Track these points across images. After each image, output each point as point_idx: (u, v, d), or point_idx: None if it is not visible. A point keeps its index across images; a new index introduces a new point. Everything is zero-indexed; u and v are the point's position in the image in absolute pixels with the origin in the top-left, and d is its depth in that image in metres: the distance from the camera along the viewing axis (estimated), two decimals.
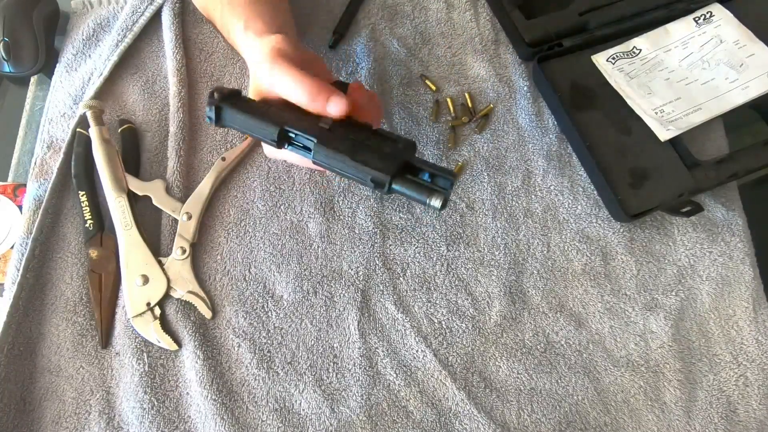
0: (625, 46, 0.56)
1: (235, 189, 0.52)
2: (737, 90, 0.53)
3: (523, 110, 0.55)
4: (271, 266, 0.49)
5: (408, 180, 0.36)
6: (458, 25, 0.59)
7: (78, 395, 0.45)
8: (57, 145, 0.53)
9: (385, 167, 0.35)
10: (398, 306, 0.48)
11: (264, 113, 0.38)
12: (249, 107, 0.39)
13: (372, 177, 0.35)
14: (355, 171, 0.36)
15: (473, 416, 0.45)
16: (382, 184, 0.35)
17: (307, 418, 0.45)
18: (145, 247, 0.48)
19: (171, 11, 0.56)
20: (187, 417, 0.45)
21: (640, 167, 0.51)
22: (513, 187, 0.52)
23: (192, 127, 0.54)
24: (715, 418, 0.45)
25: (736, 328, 0.48)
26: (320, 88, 0.38)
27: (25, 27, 0.56)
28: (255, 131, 0.38)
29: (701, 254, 0.50)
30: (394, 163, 0.36)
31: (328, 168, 0.37)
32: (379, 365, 0.46)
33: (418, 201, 0.35)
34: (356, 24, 0.59)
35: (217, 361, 0.46)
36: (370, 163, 0.35)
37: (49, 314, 0.47)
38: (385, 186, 0.35)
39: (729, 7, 0.56)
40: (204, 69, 0.56)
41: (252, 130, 0.38)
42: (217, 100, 0.38)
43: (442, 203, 0.35)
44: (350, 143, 0.36)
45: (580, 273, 0.50)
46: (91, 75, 0.55)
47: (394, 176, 0.35)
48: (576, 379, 0.46)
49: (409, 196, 0.36)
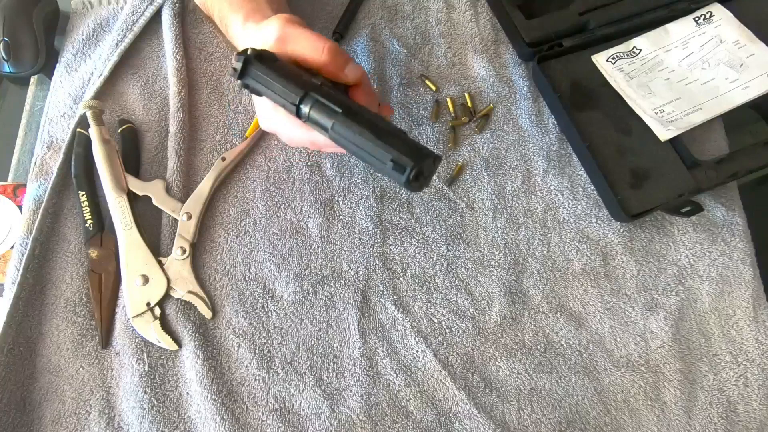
0: (625, 46, 0.56)
1: (235, 189, 0.52)
2: (737, 90, 0.53)
3: (523, 110, 0.55)
4: (271, 266, 0.49)
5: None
6: (458, 25, 0.59)
7: (78, 395, 0.45)
8: (57, 145, 0.53)
9: (411, 153, 0.33)
10: (398, 306, 0.48)
11: (289, 76, 0.36)
12: (277, 67, 0.37)
13: (393, 158, 0.33)
14: (377, 150, 0.33)
15: (473, 416, 0.45)
16: (403, 169, 0.32)
17: (307, 418, 0.45)
18: (145, 247, 0.48)
19: (171, 11, 0.56)
20: (187, 417, 0.45)
21: (640, 167, 0.51)
22: (513, 187, 0.52)
23: (192, 127, 0.54)
24: (715, 418, 0.45)
25: (736, 328, 0.48)
26: (339, 49, 0.37)
27: (25, 27, 0.56)
28: (276, 92, 0.36)
29: (701, 254, 0.50)
30: (420, 153, 0.33)
31: (345, 145, 0.35)
32: (379, 365, 0.46)
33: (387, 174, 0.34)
34: (356, 24, 0.59)
35: (217, 361, 0.46)
36: (395, 146, 0.33)
37: (49, 314, 0.47)
38: (406, 172, 0.33)
39: (729, 7, 0.56)
40: (204, 69, 0.56)
41: (273, 90, 0.36)
42: (249, 54, 0.37)
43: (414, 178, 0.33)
44: (373, 123, 0.34)
45: (580, 273, 0.50)
46: (91, 75, 0.55)
47: (417, 164, 0.33)
48: (576, 379, 0.46)
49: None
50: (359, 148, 0.34)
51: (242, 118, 0.55)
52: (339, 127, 0.34)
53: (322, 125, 0.35)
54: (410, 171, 0.32)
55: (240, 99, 0.55)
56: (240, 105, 0.55)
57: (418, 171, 0.33)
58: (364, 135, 0.33)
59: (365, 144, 0.33)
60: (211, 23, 0.58)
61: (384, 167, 0.33)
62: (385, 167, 0.33)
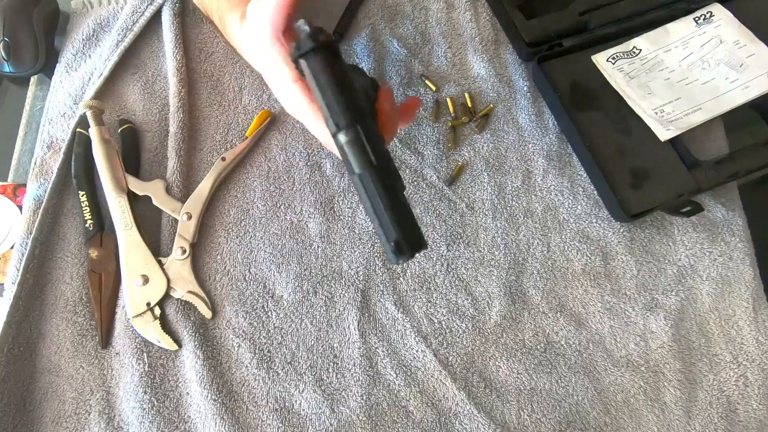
0: (625, 46, 0.56)
1: (235, 189, 0.52)
2: (737, 90, 0.53)
3: (523, 110, 0.55)
4: (271, 266, 0.49)
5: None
6: (458, 25, 0.59)
7: (78, 395, 0.45)
8: (57, 145, 0.53)
9: (413, 242, 0.32)
10: (398, 306, 0.48)
11: (344, 87, 0.33)
12: (336, 69, 0.34)
13: (397, 239, 0.32)
14: (387, 223, 0.32)
15: (473, 416, 0.45)
16: (399, 250, 0.32)
17: (307, 418, 0.45)
18: (145, 247, 0.48)
19: (171, 11, 0.56)
20: (187, 417, 0.45)
21: (640, 167, 0.51)
22: (513, 187, 0.52)
23: (192, 127, 0.54)
24: (715, 418, 0.45)
25: (736, 328, 0.48)
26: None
27: (25, 27, 0.56)
28: (325, 99, 0.33)
29: (701, 254, 0.50)
30: (419, 242, 0.33)
31: (360, 196, 0.34)
32: (379, 365, 0.46)
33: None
34: (356, 24, 0.59)
35: (217, 361, 0.46)
36: (404, 229, 0.32)
37: (49, 314, 0.47)
38: (401, 255, 0.32)
39: (729, 7, 0.56)
40: (204, 69, 0.56)
41: (323, 94, 0.33)
42: (320, 40, 0.33)
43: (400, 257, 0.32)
44: (395, 192, 0.33)
45: (580, 273, 0.50)
46: (91, 75, 0.55)
47: (412, 253, 0.32)
48: (576, 379, 0.46)
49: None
50: (373, 208, 0.33)
51: (242, 118, 0.55)
52: (365, 180, 0.33)
53: (350, 164, 0.34)
54: (404, 257, 0.32)
55: (240, 99, 0.55)
56: (240, 105, 0.55)
57: (409, 257, 0.33)
58: (383, 202, 0.33)
59: (379, 210, 0.33)
60: (210, 23, 0.58)
61: (386, 243, 0.33)
62: (384, 238, 0.33)
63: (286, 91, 0.40)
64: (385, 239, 0.33)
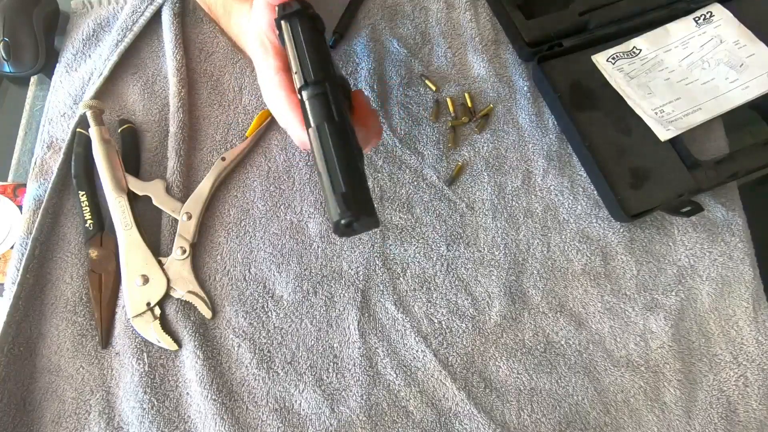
0: (625, 46, 0.56)
1: (235, 189, 0.52)
2: (737, 90, 0.53)
3: (523, 110, 0.55)
4: (271, 266, 0.49)
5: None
6: (458, 25, 0.59)
7: (78, 395, 0.45)
8: (57, 145, 0.53)
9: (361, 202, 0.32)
10: (398, 306, 0.48)
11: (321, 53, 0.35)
12: (315, 37, 0.36)
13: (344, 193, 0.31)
14: (338, 178, 0.32)
15: (473, 416, 0.45)
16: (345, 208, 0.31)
17: (307, 418, 0.45)
18: (145, 247, 0.48)
19: (171, 11, 0.56)
20: (187, 417, 0.45)
21: (640, 167, 0.51)
22: (513, 187, 0.52)
23: (192, 127, 0.54)
24: (715, 418, 0.45)
25: (736, 328, 0.48)
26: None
27: (25, 27, 0.56)
28: (299, 56, 0.35)
29: (701, 254, 0.50)
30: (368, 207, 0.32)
31: (315, 150, 0.33)
32: (379, 365, 0.46)
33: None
34: (356, 24, 0.59)
35: (217, 361, 0.46)
36: (354, 187, 0.32)
37: (49, 314, 0.47)
38: (346, 213, 0.31)
39: (729, 7, 0.56)
40: (204, 69, 0.56)
41: (298, 52, 0.35)
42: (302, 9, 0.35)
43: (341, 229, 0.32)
44: (352, 152, 0.33)
45: (580, 273, 0.50)
46: (91, 75, 0.55)
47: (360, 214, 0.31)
48: (576, 379, 0.46)
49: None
50: (325, 159, 0.32)
51: (242, 118, 0.55)
52: (322, 131, 0.33)
53: (311, 117, 0.34)
54: (350, 215, 0.31)
55: (240, 99, 0.55)
56: (240, 105, 0.55)
57: (354, 220, 0.31)
58: (337, 154, 0.32)
59: (331, 162, 0.32)
60: (210, 20, 0.58)
61: (331, 195, 0.32)
62: (332, 196, 0.32)
63: (269, 79, 0.40)
64: (332, 191, 0.31)
